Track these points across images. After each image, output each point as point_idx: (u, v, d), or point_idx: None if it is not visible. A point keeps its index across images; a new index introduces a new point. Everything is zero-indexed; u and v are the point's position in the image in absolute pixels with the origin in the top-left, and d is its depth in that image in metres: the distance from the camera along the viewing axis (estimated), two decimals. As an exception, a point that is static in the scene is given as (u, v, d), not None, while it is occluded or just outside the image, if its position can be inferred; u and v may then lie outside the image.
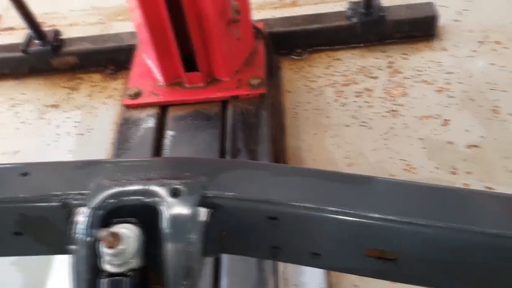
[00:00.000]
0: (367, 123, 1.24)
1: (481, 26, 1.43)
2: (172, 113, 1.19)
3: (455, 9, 1.49)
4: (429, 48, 1.39)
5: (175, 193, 0.43)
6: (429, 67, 1.33)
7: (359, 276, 0.99)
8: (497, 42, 1.38)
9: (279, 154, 1.17)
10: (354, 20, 1.36)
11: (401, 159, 1.15)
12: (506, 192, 0.48)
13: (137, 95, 1.22)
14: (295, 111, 1.31)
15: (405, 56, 1.37)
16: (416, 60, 1.36)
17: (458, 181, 1.09)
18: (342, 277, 0.97)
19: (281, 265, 0.94)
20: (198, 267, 0.43)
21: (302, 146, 1.23)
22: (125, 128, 1.16)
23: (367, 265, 0.46)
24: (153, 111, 1.19)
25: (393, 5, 1.40)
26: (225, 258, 0.88)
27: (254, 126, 1.14)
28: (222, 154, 1.09)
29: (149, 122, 1.17)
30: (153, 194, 0.43)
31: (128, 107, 1.21)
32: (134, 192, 0.43)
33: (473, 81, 1.28)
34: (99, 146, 1.27)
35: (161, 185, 0.44)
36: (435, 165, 1.13)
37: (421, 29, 1.38)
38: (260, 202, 0.44)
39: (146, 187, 0.44)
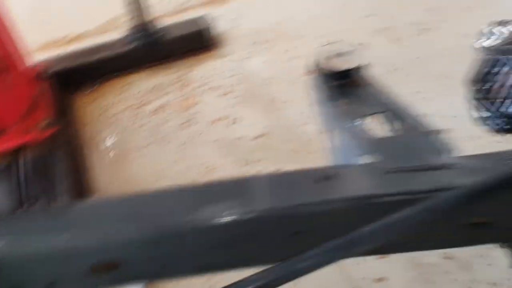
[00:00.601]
0: (166, 137, 1.32)
1: (253, 29, 1.61)
2: (-42, 176, 1.13)
3: (230, 16, 1.65)
4: (211, 58, 1.52)
5: None
6: (214, 75, 1.46)
7: (177, 281, 1.06)
8: (268, 41, 1.56)
9: (82, 189, 1.18)
10: (135, 44, 1.42)
11: (201, 163, 1.25)
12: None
13: None
14: (95, 142, 1.33)
15: (191, 69, 1.48)
16: (201, 70, 1.48)
17: (252, 169, 1.22)
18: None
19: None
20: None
21: (108, 174, 1.26)
22: None
23: (100, 280, 0.51)
24: None
25: (171, 23, 1.50)
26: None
27: (50, 167, 1.13)
28: (21, 204, 1.07)
29: None
30: None
31: None
32: None
33: (252, 80, 1.44)
34: None
35: None
36: (230, 161, 1.25)
37: (199, 42, 1.50)
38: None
39: None
